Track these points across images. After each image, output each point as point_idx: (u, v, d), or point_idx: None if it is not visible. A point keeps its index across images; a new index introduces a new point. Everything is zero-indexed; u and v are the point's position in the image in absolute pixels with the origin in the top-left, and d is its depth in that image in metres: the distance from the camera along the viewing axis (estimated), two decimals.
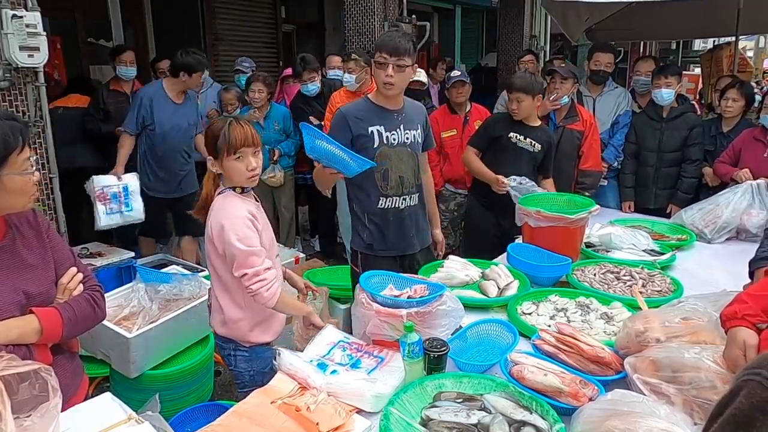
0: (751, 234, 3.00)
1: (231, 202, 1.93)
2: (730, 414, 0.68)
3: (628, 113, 3.98)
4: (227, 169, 1.92)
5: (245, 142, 1.89)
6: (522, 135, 3.24)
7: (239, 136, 1.88)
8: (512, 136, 3.24)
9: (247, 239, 1.87)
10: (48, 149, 3.47)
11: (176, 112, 3.92)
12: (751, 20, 5.57)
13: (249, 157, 1.91)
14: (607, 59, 4.09)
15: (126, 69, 4.37)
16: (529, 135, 3.24)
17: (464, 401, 1.54)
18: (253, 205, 1.99)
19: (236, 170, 1.91)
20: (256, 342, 2.05)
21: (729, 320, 1.45)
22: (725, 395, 0.71)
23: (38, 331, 1.44)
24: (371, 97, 2.49)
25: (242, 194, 1.97)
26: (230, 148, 1.88)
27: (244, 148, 1.89)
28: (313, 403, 1.56)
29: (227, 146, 1.87)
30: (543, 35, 7.91)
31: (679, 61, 12.39)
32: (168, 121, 3.87)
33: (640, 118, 3.87)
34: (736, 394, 0.69)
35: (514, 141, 3.24)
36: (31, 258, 1.51)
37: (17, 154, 1.39)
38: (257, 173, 1.95)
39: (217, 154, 1.91)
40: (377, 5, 5.29)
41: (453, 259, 2.60)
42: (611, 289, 2.33)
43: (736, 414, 0.68)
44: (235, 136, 1.88)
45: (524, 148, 3.24)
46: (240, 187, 1.97)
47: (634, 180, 3.85)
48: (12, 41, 3.10)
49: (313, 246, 5.41)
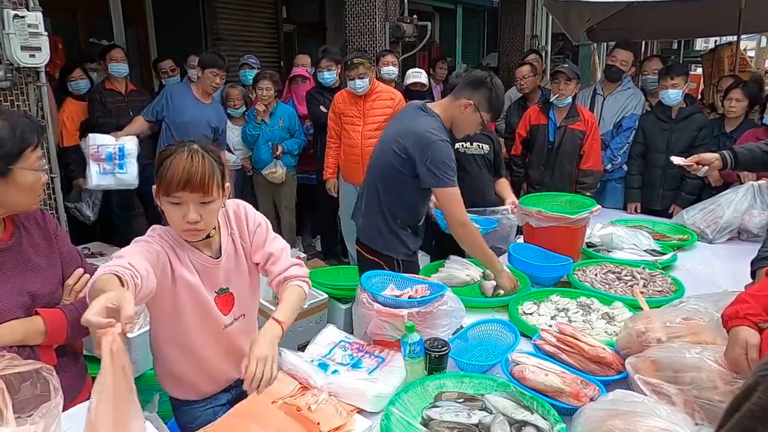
0: (753, 234, 3.00)
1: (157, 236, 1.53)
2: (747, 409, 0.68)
3: (634, 116, 3.92)
4: (164, 210, 1.48)
5: (187, 184, 1.41)
6: (467, 142, 3.17)
7: (181, 174, 1.41)
8: (459, 146, 3.11)
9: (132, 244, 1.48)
10: (49, 149, 3.47)
11: (197, 108, 3.98)
12: (754, 20, 5.56)
13: (189, 205, 1.44)
14: (624, 56, 4.03)
15: (118, 65, 4.33)
16: (473, 139, 3.16)
17: (465, 401, 1.54)
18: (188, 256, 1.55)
19: (169, 216, 1.47)
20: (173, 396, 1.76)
21: (731, 320, 1.45)
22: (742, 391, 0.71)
23: (43, 333, 1.44)
24: None
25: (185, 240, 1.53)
26: (165, 186, 1.43)
27: (183, 192, 1.42)
28: (314, 403, 1.56)
29: (161, 181, 1.43)
30: (544, 35, 7.91)
31: (680, 61, 12.37)
32: (185, 114, 3.92)
33: (649, 118, 3.84)
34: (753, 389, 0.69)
35: (463, 151, 3.16)
36: (37, 259, 1.50)
37: (31, 151, 1.40)
38: (199, 229, 1.48)
39: (157, 185, 1.46)
40: (378, 5, 5.29)
41: (454, 259, 2.61)
42: (612, 289, 2.33)
43: (754, 409, 0.67)
44: (175, 172, 1.41)
45: (475, 153, 3.19)
46: None
47: (641, 181, 3.83)
48: (13, 41, 3.10)
49: (314, 246, 5.41)
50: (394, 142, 2.36)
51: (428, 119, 2.34)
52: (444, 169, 2.25)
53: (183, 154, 1.43)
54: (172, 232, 1.54)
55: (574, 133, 3.65)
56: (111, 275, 1.27)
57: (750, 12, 5.27)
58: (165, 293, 1.52)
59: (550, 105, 3.75)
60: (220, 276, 1.61)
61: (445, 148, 2.27)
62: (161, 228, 1.57)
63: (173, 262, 1.52)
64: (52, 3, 3.70)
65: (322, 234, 5.26)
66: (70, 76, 4.32)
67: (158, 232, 1.56)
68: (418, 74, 4.83)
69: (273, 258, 1.66)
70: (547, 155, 3.75)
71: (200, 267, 1.57)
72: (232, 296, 1.65)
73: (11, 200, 1.42)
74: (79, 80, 4.36)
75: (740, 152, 2.44)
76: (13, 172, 1.37)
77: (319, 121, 4.47)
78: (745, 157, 2.43)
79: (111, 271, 1.28)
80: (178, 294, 1.54)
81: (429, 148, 2.24)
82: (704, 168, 2.46)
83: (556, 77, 3.65)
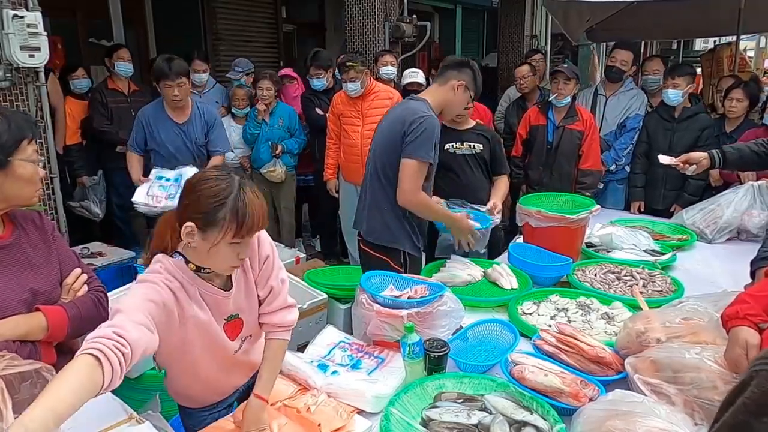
0: (752, 234, 3.00)
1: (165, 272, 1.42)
2: (741, 403, 0.69)
3: (638, 117, 3.91)
4: (206, 251, 1.37)
5: (255, 226, 1.36)
6: (457, 142, 3.10)
7: (256, 215, 1.35)
8: (448, 147, 3.06)
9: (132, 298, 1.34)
10: (49, 149, 3.47)
11: (175, 132, 3.47)
12: (753, 20, 5.56)
13: (246, 247, 1.41)
14: (624, 56, 4.02)
15: (124, 65, 4.35)
16: (463, 139, 3.11)
17: (465, 401, 1.54)
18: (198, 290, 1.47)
19: (223, 256, 1.38)
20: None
21: (731, 320, 1.45)
22: (736, 385, 0.72)
23: (45, 329, 1.45)
24: None
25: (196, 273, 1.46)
26: (239, 228, 1.34)
27: (253, 233, 1.39)
28: (314, 404, 1.56)
29: (234, 223, 1.33)
30: (544, 35, 7.92)
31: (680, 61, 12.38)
32: (167, 141, 3.47)
33: (652, 117, 3.84)
34: (747, 383, 0.70)
35: (453, 151, 3.09)
36: (36, 258, 1.52)
37: (27, 143, 1.43)
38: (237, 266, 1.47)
39: (205, 225, 1.34)
40: (378, 5, 5.29)
41: (455, 258, 2.61)
42: (612, 289, 2.33)
43: (747, 403, 0.69)
44: (253, 213, 1.35)
45: (466, 153, 3.10)
46: (197, 267, 1.45)
47: (645, 180, 3.82)
48: (13, 41, 3.10)
49: (313, 246, 5.41)
50: (387, 131, 2.45)
51: (415, 103, 2.47)
52: (422, 138, 2.31)
53: (250, 194, 1.36)
54: (182, 266, 1.44)
55: (573, 133, 3.66)
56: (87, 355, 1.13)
57: (749, 12, 5.28)
58: (173, 334, 1.45)
59: (549, 105, 3.76)
60: (230, 305, 1.56)
61: (430, 123, 2.34)
62: (167, 262, 1.44)
63: (182, 302, 1.44)
64: (51, 3, 3.70)
65: (322, 234, 5.27)
66: (72, 75, 4.33)
67: (166, 268, 1.43)
68: (415, 74, 4.82)
69: (272, 294, 1.61)
70: (546, 155, 3.75)
71: (211, 300, 1.51)
72: (241, 321, 1.60)
73: (13, 193, 1.44)
74: (81, 79, 4.36)
75: (729, 151, 2.46)
76: (12, 163, 1.39)
77: (316, 124, 4.48)
78: (733, 156, 2.44)
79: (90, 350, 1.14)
80: (187, 332, 1.48)
81: (416, 120, 2.34)
82: (692, 167, 2.48)
83: (556, 77, 3.66)
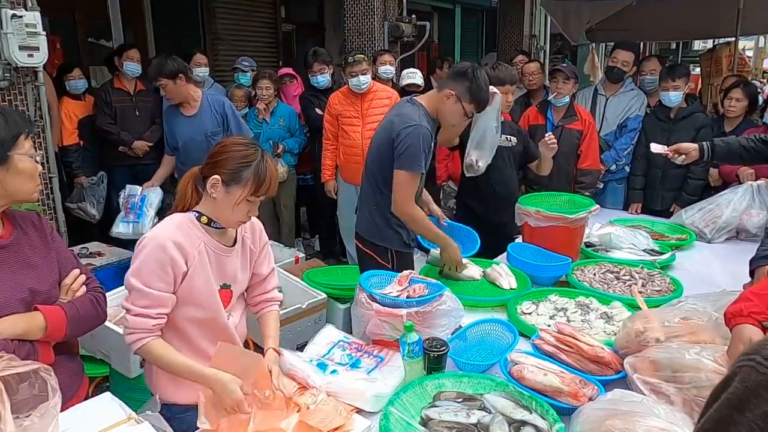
0: (751, 234, 3.00)
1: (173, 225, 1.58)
2: (725, 398, 0.71)
3: (638, 118, 3.90)
4: (224, 203, 1.57)
5: (270, 189, 1.60)
6: None
7: (272, 179, 1.59)
8: None
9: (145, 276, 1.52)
10: (48, 149, 3.47)
11: (188, 126, 3.61)
12: (752, 20, 5.57)
13: (256, 207, 1.63)
14: (625, 57, 4.00)
15: (133, 65, 4.36)
16: (502, 131, 3.06)
17: (464, 401, 1.54)
18: (203, 243, 1.60)
19: (235, 209, 1.58)
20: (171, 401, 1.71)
21: (734, 317, 1.45)
22: (721, 381, 0.74)
23: (43, 328, 1.45)
24: None
25: (205, 226, 1.61)
26: (258, 187, 1.56)
27: (265, 195, 1.61)
28: (313, 403, 1.56)
29: (255, 183, 1.55)
30: (543, 35, 7.93)
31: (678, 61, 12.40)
32: (184, 135, 3.61)
33: (650, 118, 3.84)
34: (731, 379, 0.72)
35: None
36: (35, 258, 1.52)
37: (24, 138, 1.43)
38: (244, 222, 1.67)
39: (230, 180, 1.55)
40: (377, 5, 5.29)
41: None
42: (611, 289, 2.33)
43: (730, 398, 0.70)
44: (270, 177, 1.58)
45: (502, 146, 3.08)
46: (209, 219, 1.61)
47: (644, 182, 3.82)
48: (11, 41, 3.10)
49: (313, 246, 5.41)
50: (380, 135, 2.45)
51: (411, 108, 2.41)
52: (410, 152, 2.30)
53: (269, 161, 1.59)
54: (193, 219, 1.61)
55: (572, 133, 3.65)
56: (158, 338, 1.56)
57: (748, 13, 5.29)
58: (175, 287, 1.59)
59: (548, 105, 3.76)
60: (228, 268, 1.68)
61: (416, 133, 2.30)
62: (180, 217, 1.61)
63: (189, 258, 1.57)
64: (50, 3, 3.70)
65: (321, 234, 5.27)
66: (68, 75, 4.32)
67: (176, 222, 1.59)
68: (413, 75, 4.80)
69: (271, 274, 1.86)
70: None
71: (214, 257, 1.64)
72: (230, 293, 1.72)
73: (14, 188, 1.44)
74: (77, 80, 4.36)
75: (718, 144, 2.51)
76: (12, 158, 1.40)
77: (315, 124, 4.47)
78: (722, 149, 2.50)
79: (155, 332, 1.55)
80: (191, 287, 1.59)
81: (403, 131, 2.31)
82: (681, 157, 2.55)
83: (555, 76, 3.66)
